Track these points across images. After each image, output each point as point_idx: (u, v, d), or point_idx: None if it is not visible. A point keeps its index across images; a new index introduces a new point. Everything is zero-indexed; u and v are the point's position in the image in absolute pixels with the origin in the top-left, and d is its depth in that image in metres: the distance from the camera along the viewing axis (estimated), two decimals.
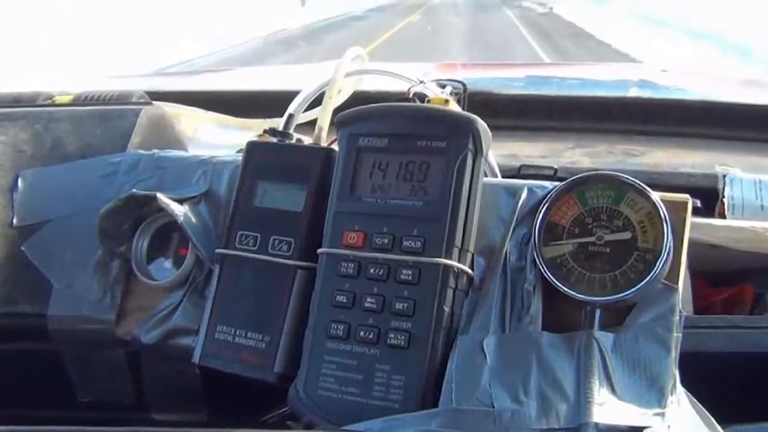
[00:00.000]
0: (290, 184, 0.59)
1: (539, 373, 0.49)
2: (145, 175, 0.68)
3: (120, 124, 0.73)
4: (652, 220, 0.52)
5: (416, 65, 1.06)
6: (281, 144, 0.62)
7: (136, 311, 0.65)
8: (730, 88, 1.01)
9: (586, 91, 1.02)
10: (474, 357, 0.51)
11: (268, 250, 0.58)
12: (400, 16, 14.68)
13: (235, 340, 0.58)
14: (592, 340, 0.50)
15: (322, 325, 0.54)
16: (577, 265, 0.52)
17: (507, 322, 0.52)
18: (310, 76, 0.67)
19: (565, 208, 0.54)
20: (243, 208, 0.60)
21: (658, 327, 0.50)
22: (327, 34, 10.73)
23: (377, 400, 0.52)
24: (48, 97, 0.79)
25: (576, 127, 0.96)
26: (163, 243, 0.66)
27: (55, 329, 0.66)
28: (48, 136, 0.73)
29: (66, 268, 0.67)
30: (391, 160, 0.55)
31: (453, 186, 0.53)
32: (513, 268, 0.54)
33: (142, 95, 0.78)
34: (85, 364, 0.69)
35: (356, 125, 0.57)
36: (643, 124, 0.95)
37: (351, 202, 0.56)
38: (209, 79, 1.32)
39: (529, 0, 18.85)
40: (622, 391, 0.48)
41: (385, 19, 14.18)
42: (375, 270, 0.54)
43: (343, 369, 0.53)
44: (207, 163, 0.66)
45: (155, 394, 0.69)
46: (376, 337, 0.53)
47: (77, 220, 0.68)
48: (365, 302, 0.53)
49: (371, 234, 0.54)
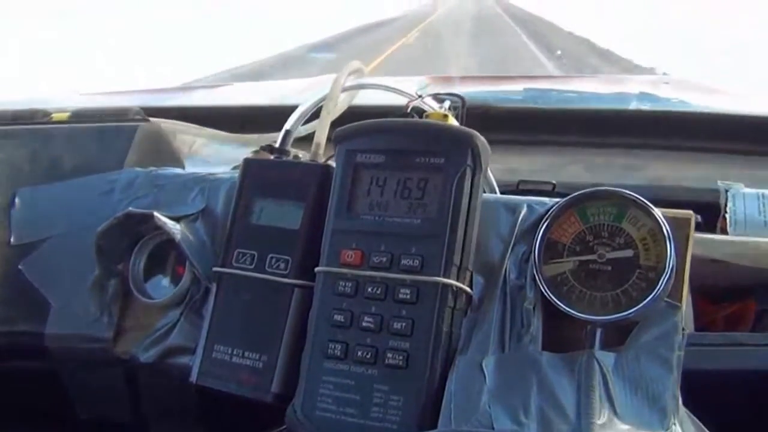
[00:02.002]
0: (287, 202, 0.59)
1: (539, 394, 0.48)
2: (142, 193, 0.68)
3: (117, 141, 0.73)
4: (655, 238, 0.51)
5: (412, 78, 1.06)
6: (278, 161, 0.62)
7: (133, 330, 0.64)
8: (732, 100, 1.01)
9: (585, 104, 1.02)
10: (473, 377, 0.50)
11: (266, 268, 0.58)
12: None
13: (233, 359, 0.57)
14: (593, 359, 0.49)
15: (319, 345, 0.54)
16: (578, 283, 0.52)
17: (506, 342, 0.52)
18: (306, 91, 0.66)
19: (565, 226, 0.53)
20: (240, 225, 0.60)
21: (661, 346, 0.49)
22: None
23: (375, 420, 0.51)
24: (45, 114, 0.79)
25: (575, 140, 0.96)
26: (160, 261, 0.66)
27: (53, 348, 0.66)
28: (45, 154, 0.73)
29: (63, 287, 0.66)
30: (388, 176, 0.55)
31: (452, 203, 0.53)
32: (512, 286, 0.53)
33: (138, 112, 0.78)
34: (84, 382, 0.68)
35: (354, 141, 0.56)
36: (643, 137, 0.95)
37: (348, 220, 0.55)
38: (205, 94, 1.31)
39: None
40: (623, 411, 0.47)
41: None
42: (373, 289, 0.53)
43: (340, 389, 0.52)
44: (204, 181, 0.66)
45: (153, 412, 0.68)
46: (374, 356, 0.52)
47: (74, 239, 0.67)
48: (363, 321, 0.53)
49: (369, 252, 0.54)
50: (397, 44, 11.27)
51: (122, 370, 0.66)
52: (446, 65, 7.87)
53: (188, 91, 1.37)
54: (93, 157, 0.72)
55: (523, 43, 11.86)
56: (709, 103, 0.99)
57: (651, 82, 1.14)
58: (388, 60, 9.00)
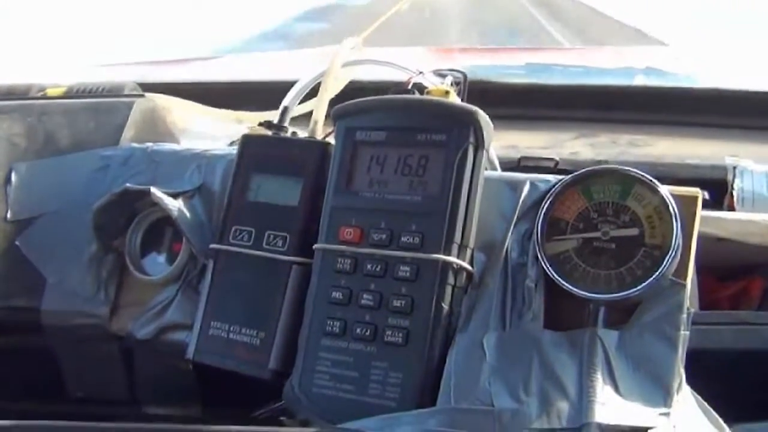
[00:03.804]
0: (286, 178, 0.58)
1: (540, 372, 0.48)
2: (139, 169, 0.67)
3: (113, 117, 0.72)
4: (661, 216, 0.50)
5: (412, 50, 1.04)
6: (277, 137, 0.61)
7: (129, 306, 0.64)
8: (740, 76, 0.99)
9: (589, 79, 1.00)
10: (473, 355, 0.50)
11: (263, 245, 0.57)
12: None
13: (230, 336, 0.57)
14: (595, 338, 0.48)
15: (317, 322, 0.53)
16: (581, 261, 0.51)
17: (507, 320, 0.51)
18: (304, 64, 0.65)
19: (569, 203, 0.52)
20: (237, 202, 0.59)
21: (665, 324, 0.48)
22: None
23: (373, 398, 0.51)
24: (40, 90, 0.78)
25: (578, 116, 0.94)
26: (156, 238, 0.65)
27: (49, 324, 0.65)
28: (41, 130, 0.72)
29: (60, 263, 0.66)
30: (389, 153, 0.54)
31: (453, 180, 0.52)
32: (514, 264, 0.52)
33: (134, 87, 0.77)
34: (79, 358, 0.68)
35: (353, 118, 0.56)
36: (649, 113, 0.93)
37: (348, 197, 0.54)
38: (200, 67, 1.29)
39: None
40: (626, 390, 0.46)
41: None
42: (372, 266, 0.52)
43: (338, 366, 0.52)
44: (201, 157, 0.65)
45: (148, 389, 0.68)
46: (373, 334, 0.51)
47: (71, 215, 0.67)
48: (362, 299, 0.52)
49: (368, 229, 0.53)
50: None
51: (118, 347, 0.66)
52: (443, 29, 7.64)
53: (183, 63, 1.35)
54: (89, 133, 0.72)
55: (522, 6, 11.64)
56: (717, 79, 0.97)
57: (658, 56, 1.12)
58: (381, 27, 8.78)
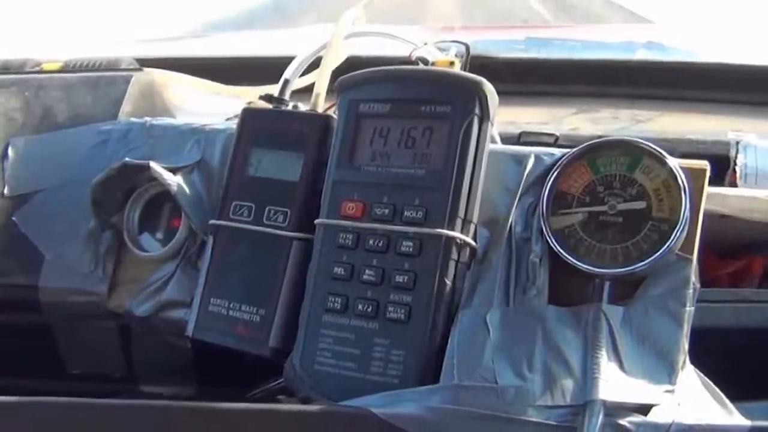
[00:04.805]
0: (286, 153, 0.57)
1: (544, 348, 0.47)
2: (137, 144, 0.66)
3: (111, 91, 0.71)
4: (669, 189, 0.49)
5: (412, 28, 1.03)
6: (277, 110, 0.60)
7: (128, 283, 0.63)
8: (743, 50, 0.97)
9: (589, 53, 0.98)
10: (476, 331, 0.49)
11: (264, 221, 0.57)
12: None
13: (230, 313, 0.56)
14: (600, 313, 0.48)
15: (319, 298, 0.53)
16: (587, 235, 0.50)
17: (511, 296, 0.50)
18: (304, 41, 0.64)
19: (575, 176, 0.52)
20: (237, 177, 0.58)
21: (670, 300, 0.48)
22: None
23: (375, 375, 0.50)
24: (36, 64, 0.77)
25: (579, 91, 0.93)
26: (155, 213, 0.64)
27: (47, 301, 0.65)
28: (38, 104, 0.72)
29: (57, 240, 0.65)
30: (392, 126, 0.53)
31: (457, 153, 0.51)
32: (518, 239, 0.52)
33: (131, 62, 0.76)
34: (76, 336, 0.67)
35: (356, 90, 0.55)
36: (651, 88, 0.91)
37: (350, 171, 0.54)
38: (197, 44, 1.28)
39: None
40: (630, 366, 0.46)
41: None
42: (374, 241, 0.52)
43: (340, 343, 0.51)
44: (200, 131, 0.64)
45: (147, 367, 0.68)
46: (375, 310, 0.51)
47: (68, 190, 0.66)
48: (364, 275, 0.52)
49: (371, 204, 0.52)
50: None
51: (116, 325, 0.65)
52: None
53: (177, 41, 1.34)
54: (87, 107, 0.71)
55: None
56: (720, 53, 0.96)
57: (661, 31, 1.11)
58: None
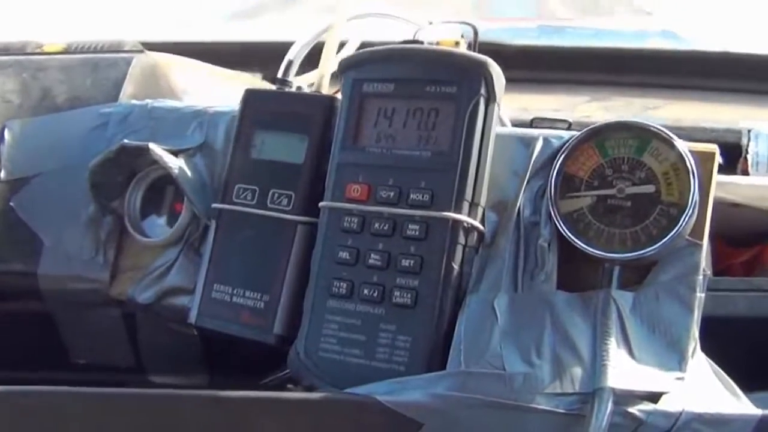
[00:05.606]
0: (290, 135, 0.56)
1: (553, 335, 0.46)
2: (138, 126, 0.65)
3: (111, 73, 0.70)
4: (678, 172, 0.48)
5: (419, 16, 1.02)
6: (281, 92, 0.59)
7: (129, 270, 0.62)
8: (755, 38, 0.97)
9: (602, 41, 0.98)
10: (484, 317, 0.48)
11: (267, 204, 0.56)
12: None
13: (233, 299, 0.55)
14: (609, 299, 0.47)
15: (323, 283, 0.52)
16: (596, 219, 0.49)
17: (519, 281, 0.49)
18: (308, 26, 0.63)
19: (583, 159, 0.50)
20: (240, 160, 0.57)
21: (680, 286, 0.47)
22: None
23: (381, 362, 0.49)
24: (37, 46, 0.76)
25: (591, 79, 0.93)
26: (157, 198, 0.63)
27: (47, 289, 0.64)
28: (36, 86, 0.70)
29: (56, 225, 0.64)
30: (397, 106, 0.52)
31: (464, 134, 0.50)
32: (526, 223, 0.51)
33: (134, 44, 0.75)
34: (79, 324, 0.67)
35: (361, 69, 0.54)
36: (664, 76, 0.91)
37: (355, 153, 0.53)
38: (200, 30, 1.27)
39: None
40: (640, 353, 0.45)
41: None
42: (380, 225, 0.51)
43: (345, 329, 0.51)
44: (202, 114, 0.63)
45: (152, 355, 0.67)
46: (381, 295, 0.50)
47: (67, 174, 0.65)
48: (369, 259, 0.51)
49: (376, 186, 0.51)
50: None
51: (118, 312, 0.64)
52: None
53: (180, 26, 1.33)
54: (86, 89, 0.70)
55: None
56: (731, 43, 0.95)
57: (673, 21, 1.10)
58: None
